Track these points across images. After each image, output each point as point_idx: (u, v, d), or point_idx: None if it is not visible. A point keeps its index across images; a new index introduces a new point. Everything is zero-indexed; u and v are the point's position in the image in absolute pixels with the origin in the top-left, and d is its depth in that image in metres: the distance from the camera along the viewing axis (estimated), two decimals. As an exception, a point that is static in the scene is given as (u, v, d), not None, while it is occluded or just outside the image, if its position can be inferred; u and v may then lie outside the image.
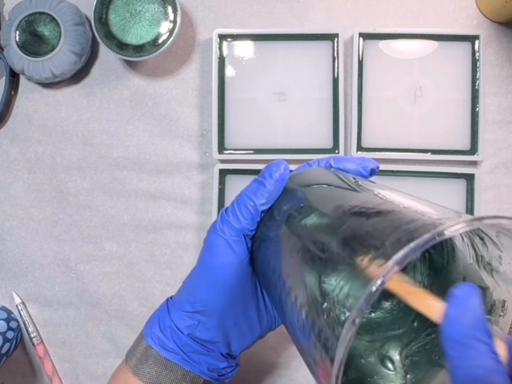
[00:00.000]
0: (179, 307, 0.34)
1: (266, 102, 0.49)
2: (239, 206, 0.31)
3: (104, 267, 0.51)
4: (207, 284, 0.32)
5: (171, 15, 0.47)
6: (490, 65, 0.50)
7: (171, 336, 0.34)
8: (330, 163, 0.34)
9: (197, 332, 0.33)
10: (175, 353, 0.34)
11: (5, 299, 0.52)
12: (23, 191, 0.52)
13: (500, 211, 0.50)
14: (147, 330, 0.35)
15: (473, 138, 0.49)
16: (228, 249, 0.31)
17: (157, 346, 0.34)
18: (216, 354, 0.34)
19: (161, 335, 0.34)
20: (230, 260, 0.31)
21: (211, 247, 0.32)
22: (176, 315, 0.34)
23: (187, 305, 0.33)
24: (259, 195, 0.31)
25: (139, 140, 0.51)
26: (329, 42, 0.49)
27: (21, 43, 0.48)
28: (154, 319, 0.36)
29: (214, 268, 0.32)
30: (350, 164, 0.33)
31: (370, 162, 0.34)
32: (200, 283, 0.33)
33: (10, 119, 0.52)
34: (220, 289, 0.32)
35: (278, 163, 0.31)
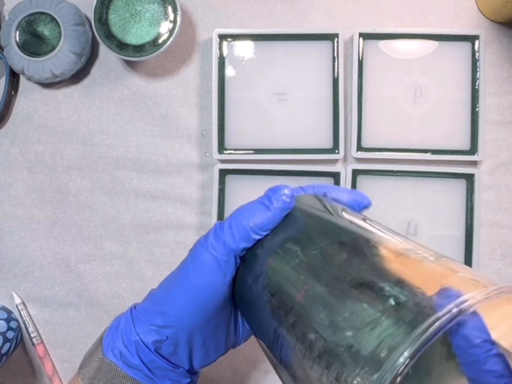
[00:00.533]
0: (148, 319, 0.31)
1: (266, 102, 0.49)
2: (238, 225, 0.29)
3: (104, 267, 0.51)
4: (186, 300, 0.30)
5: (171, 15, 0.47)
6: (490, 65, 0.50)
7: (136, 352, 0.31)
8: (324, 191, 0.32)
9: (163, 348, 0.31)
10: (139, 369, 0.31)
11: (5, 299, 0.52)
12: (23, 191, 0.52)
13: (500, 211, 0.50)
14: (107, 342, 0.32)
15: (473, 138, 0.49)
16: (216, 268, 0.29)
17: (119, 362, 0.31)
18: (181, 371, 0.33)
19: (124, 350, 0.31)
20: (216, 280, 0.29)
21: (199, 264, 0.29)
22: (142, 329, 0.31)
23: (158, 319, 0.31)
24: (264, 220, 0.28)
25: (139, 140, 0.51)
26: (329, 42, 0.49)
27: (21, 43, 0.48)
28: (115, 330, 0.33)
29: (197, 285, 0.29)
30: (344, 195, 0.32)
31: (364, 198, 0.32)
32: (178, 297, 0.30)
33: (10, 119, 0.52)
34: (198, 308, 0.30)
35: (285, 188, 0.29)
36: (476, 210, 0.48)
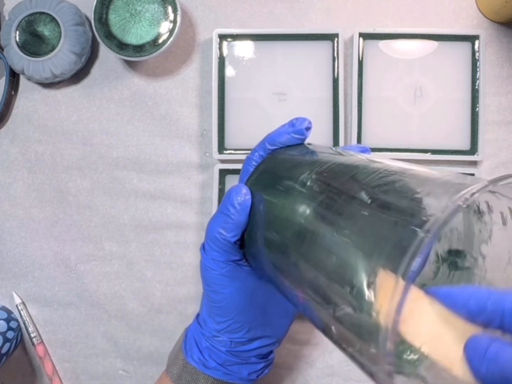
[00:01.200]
0: (210, 330, 0.35)
1: (266, 102, 0.49)
2: (213, 241, 0.31)
3: (104, 267, 0.51)
4: (222, 314, 0.33)
5: (171, 15, 0.47)
6: (490, 65, 0.50)
7: (209, 357, 0.35)
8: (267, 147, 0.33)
9: (234, 349, 0.35)
10: (217, 370, 0.35)
11: (5, 299, 0.52)
12: (23, 191, 0.52)
13: (500, 211, 0.50)
14: (187, 350, 0.37)
15: (473, 138, 0.49)
16: (225, 280, 0.32)
17: (199, 365, 0.35)
18: (253, 360, 0.36)
19: (200, 356, 0.35)
20: (233, 288, 0.32)
21: (210, 285, 0.33)
22: (210, 336, 0.35)
23: (214, 332, 0.35)
24: (228, 229, 0.31)
25: (139, 140, 0.51)
26: (329, 42, 0.49)
27: (21, 43, 0.48)
28: (190, 339, 0.37)
29: (220, 301, 0.33)
30: (283, 137, 0.33)
31: (299, 122, 0.33)
32: (215, 315, 0.34)
33: (10, 119, 0.52)
34: (236, 313, 0.33)
35: (237, 189, 0.31)
36: (476, 210, 0.48)
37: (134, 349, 0.51)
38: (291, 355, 0.50)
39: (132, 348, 0.51)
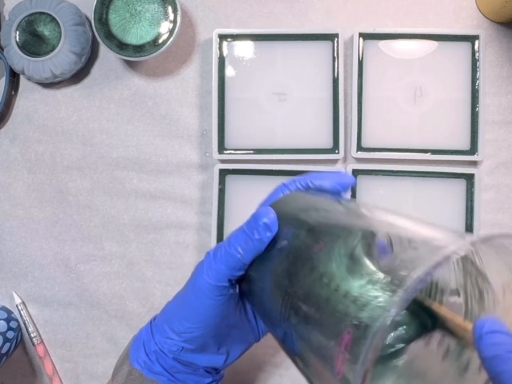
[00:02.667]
0: (163, 332, 0.34)
1: (266, 102, 0.49)
2: (228, 257, 0.30)
3: (104, 267, 0.51)
4: (192, 320, 0.32)
5: (171, 15, 0.47)
6: (490, 65, 0.50)
7: (156, 360, 0.34)
8: (307, 182, 0.33)
9: (181, 356, 0.34)
10: (162, 375, 0.34)
11: (5, 299, 0.52)
12: (23, 191, 0.52)
13: (500, 211, 0.50)
14: (133, 354, 0.36)
15: (473, 138, 0.49)
16: (214, 292, 0.31)
17: (144, 369, 0.35)
18: (201, 372, 0.35)
19: (146, 359, 0.35)
20: (216, 302, 0.32)
21: (197, 289, 0.32)
22: (160, 340, 0.34)
23: (171, 333, 0.34)
24: (248, 250, 0.30)
25: (139, 140, 0.51)
26: (329, 42, 0.49)
27: (21, 43, 0.48)
28: (138, 341, 0.36)
29: (199, 308, 0.32)
30: (326, 181, 0.33)
31: (347, 178, 0.33)
32: (184, 317, 0.33)
33: (10, 119, 0.52)
34: (205, 324, 0.32)
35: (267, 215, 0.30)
36: (476, 210, 0.48)
37: (134, 349, 0.51)
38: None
39: (132, 348, 0.51)
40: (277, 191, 0.34)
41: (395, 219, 0.25)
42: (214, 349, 0.34)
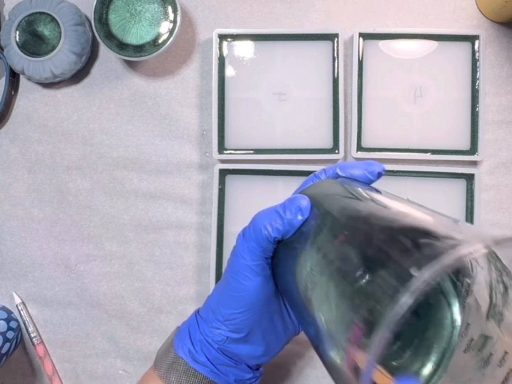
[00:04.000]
0: (208, 322, 0.35)
1: (266, 102, 0.49)
2: (255, 232, 0.31)
3: (104, 267, 0.51)
4: (234, 305, 0.33)
5: (171, 15, 0.47)
6: (490, 65, 0.50)
7: (201, 350, 0.35)
8: (336, 172, 0.34)
9: (226, 346, 0.35)
10: (205, 365, 0.35)
11: (5, 299, 0.52)
12: (23, 191, 0.52)
13: (500, 211, 0.50)
14: (177, 342, 0.36)
15: (473, 138, 0.49)
16: (251, 273, 0.32)
17: (188, 358, 0.35)
18: (243, 366, 0.36)
19: (191, 348, 0.35)
20: (255, 283, 0.32)
21: (235, 272, 0.33)
22: (206, 330, 0.35)
23: (216, 323, 0.34)
24: (274, 228, 0.30)
25: (139, 140, 0.51)
26: (329, 42, 0.49)
27: (21, 43, 0.48)
28: (184, 331, 0.37)
29: (239, 291, 0.33)
30: (356, 170, 0.33)
31: (376, 166, 0.33)
32: (227, 304, 0.34)
33: (10, 119, 0.52)
34: (247, 309, 0.33)
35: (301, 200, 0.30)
36: (476, 210, 0.48)
37: (134, 349, 0.51)
38: (291, 355, 0.50)
39: (132, 348, 0.51)
40: (308, 180, 0.35)
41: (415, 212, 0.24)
42: (258, 340, 0.35)
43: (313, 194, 0.31)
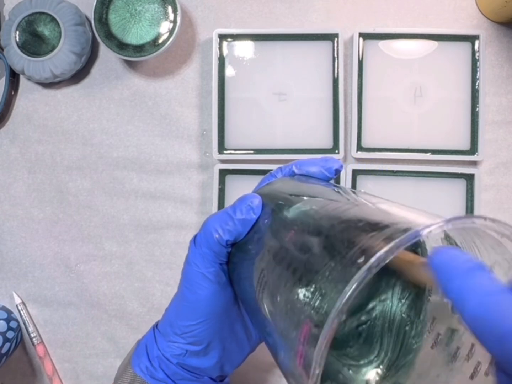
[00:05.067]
0: (165, 336, 0.34)
1: (266, 102, 0.49)
2: (206, 237, 0.30)
3: (104, 267, 0.51)
4: (191, 317, 0.32)
5: (171, 15, 0.47)
6: (490, 65, 0.50)
7: (159, 366, 0.33)
8: (292, 169, 0.33)
9: (186, 360, 0.33)
10: (164, 382, 0.33)
11: (5, 299, 0.52)
12: (23, 191, 0.52)
13: (500, 211, 0.50)
14: (135, 360, 0.35)
15: (473, 138, 0.49)
16: (205, 281, 0.31)
17: (145, 376, 0.33)
18: (205, 379, 0.34)
19: (149, 364, 0.34)
20: (211, 291, 0.31)
21: (189, 282, 0.31)
22: (163, 345, 0.33)
23: (173, 336, 0.33)
24: (226, 231, 0.29)
25: (139, 140, 0.51)
26: (329, 42, 0.49)
27: (21, 43, 0.48)
28: (141, 347, 0.35)
29: (195, 301, 0.31)
30: (312, 167, 0.32)
31: (333, 162, 0.32)
32: (183, 316, 0.32)
33: (10, 119, 0.52)
34: (204, 319, 0.31)
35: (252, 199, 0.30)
36: (476, 210, 0.48)
37: (134, 349, 0.51)
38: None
39: (132, 348, 0.51)
40: (264, 180, 0.34)
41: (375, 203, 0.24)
42: (218, 351, 0.33)
43: (265, 193, 0.31)
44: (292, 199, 0.28)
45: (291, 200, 0.28)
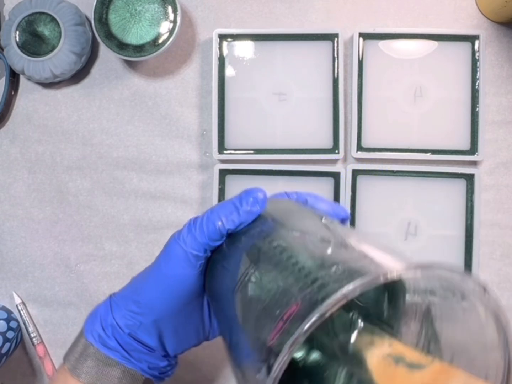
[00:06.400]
0: (124, 305, 0.33)
1: (266, 102, 0.49)
2: (208, 222, 0.30)
3: (104, 267, 0.51)
4: (158, 290, 0.32)
5: (171, 15, 0.47)
6: (490, 65, 0.50)
7: (112, 334, 0.33)
8: (306, 198, 0.34)
9: (137, 333, 0.33)
10: (116, 350, 0.33)
11: (5, 299, 0.52)
12: (23, 191, 0.52)
13: (500, 211, 0.50)
14: (87, 327, 0.34)
15: (473, 138, 0.49)
16: (186, 261, 0.31)
17: (97, 343, 0.33)
18: (156, 354, 0.34)
19: (102, 332, 0.33)
20: (186, 272, 0.31)
21: (169, 256, 0.31)
22: (118, 314, 0.33)
23: (132, 305, 0.33)
24: (230, 220, 0.30)
25: (139, 140, 0.51)
26: (329, 42, 0.49)
27: (21, 43, 0.48)
28: (95, 315, 0.35)
29: (168, 277, 0.31)
30: (323, 204, 0.34)
31: (342, 210, 0.34)
32: (150, 287, 0.32)
33: (10, 119, 0.52)
34: (170, 297, 0.32)
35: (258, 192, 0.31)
36: (476, 210, 0.48)
37: (134, 349, 0.51)
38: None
39: (132, 348, 0.51)
40: (277, 194, 0.35)
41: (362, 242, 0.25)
42: (169, 332, 0.33)
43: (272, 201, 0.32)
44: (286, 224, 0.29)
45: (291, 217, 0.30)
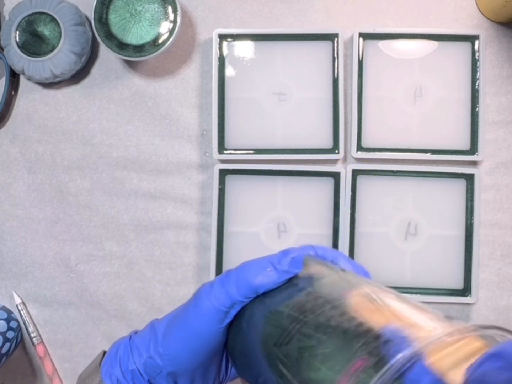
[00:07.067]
0: (145, 352, 0.33)
1: (266, 102, 0.49)
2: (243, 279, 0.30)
3: (104, 267, 0.51)
4: (183, 344, 0.31)
5: (171, 15, 0.47)
6: (490, 65, 0.50)
7: (132, 380, 0.33)
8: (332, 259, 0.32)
9: (156, 379, 0.33)
10: None
11: (5, 299, 0.52)
12: (23, 191, 0.52)
13: (500, 211, 0.50)
14: (107, 369, 0.34)
15: (473, 138, 0.49)
16: (215, 318, 0.30)
17: None
18: None
19: (121, 377, 0.33)
20: (214, 329, 0.30)
21: (199, 311, 0.31)
22: (139, 360, 0.33)
23: (155, 354, 0.32)
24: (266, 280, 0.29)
25: (139, 140, 0.51)
26: (329, 42, 0.49)
27: (21, 43, 0.48)
28: (114, 357, 0.34)
29: (196, 333, 0.31)
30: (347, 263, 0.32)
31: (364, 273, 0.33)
32: (175, 341, 0.32)
33: (10, 119, 0.52)
34: (194, 351, 0.31)
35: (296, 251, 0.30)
36: (476, 210, 0.48)
37: (134, 349, 0.51)
38: None
39: (132, 348, 0.51)
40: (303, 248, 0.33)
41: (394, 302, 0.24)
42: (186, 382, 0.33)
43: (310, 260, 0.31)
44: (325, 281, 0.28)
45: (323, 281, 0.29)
